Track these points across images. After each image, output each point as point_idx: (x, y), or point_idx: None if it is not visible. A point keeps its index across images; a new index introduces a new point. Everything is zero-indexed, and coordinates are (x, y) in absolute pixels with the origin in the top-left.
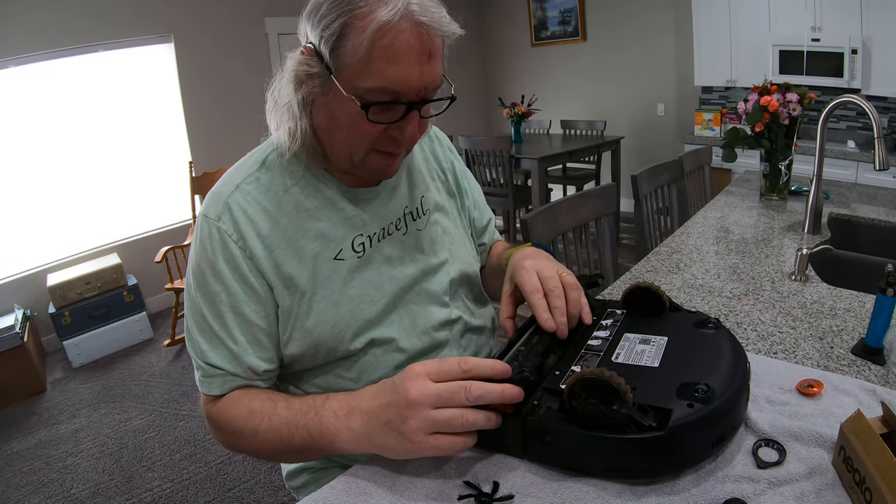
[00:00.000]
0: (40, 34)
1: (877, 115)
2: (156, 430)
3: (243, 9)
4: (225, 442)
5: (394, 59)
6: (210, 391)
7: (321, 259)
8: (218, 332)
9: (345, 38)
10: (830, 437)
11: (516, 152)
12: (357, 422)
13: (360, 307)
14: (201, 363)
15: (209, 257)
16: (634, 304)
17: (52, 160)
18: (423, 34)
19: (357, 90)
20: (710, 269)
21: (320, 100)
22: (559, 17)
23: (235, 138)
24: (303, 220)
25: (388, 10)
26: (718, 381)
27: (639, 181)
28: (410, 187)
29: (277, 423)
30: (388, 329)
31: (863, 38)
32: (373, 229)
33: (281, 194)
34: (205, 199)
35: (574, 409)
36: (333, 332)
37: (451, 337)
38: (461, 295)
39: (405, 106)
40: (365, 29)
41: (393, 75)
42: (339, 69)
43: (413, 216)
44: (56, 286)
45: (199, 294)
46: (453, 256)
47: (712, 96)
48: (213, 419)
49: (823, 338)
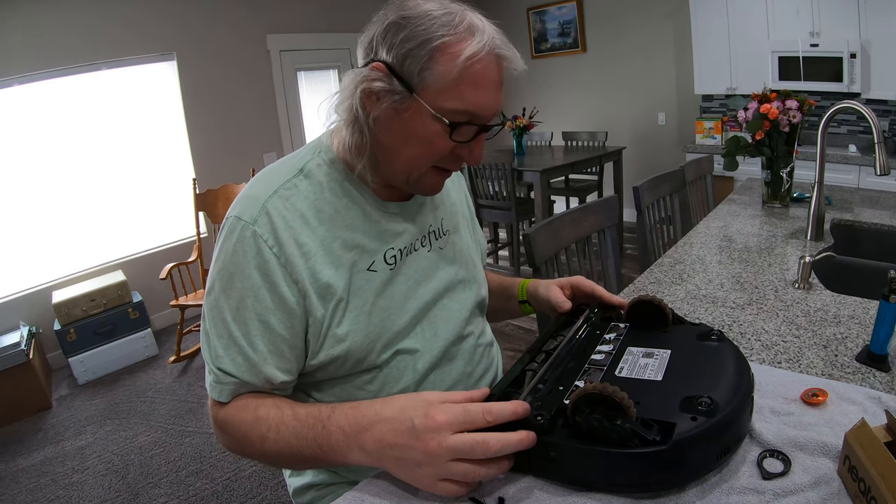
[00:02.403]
0: (45, 52)
1: (876, 120)
2: (162, 447)
3: (245, 26)
4: (230, 445)
5: (479, 85)
6: (220, 398)
7: (356, 269)
8: (238, 338)
9: (434, 62)
10: (835, 447)
11: (518, 165)
12: (368, 444)
13: (390, 318)
14: (214, 368)
15: (239, 261)
16: (637, 317)
17: (57, 177)
18: (502, 67)
19: (442, 110)
20: (714, 279)
21: (391, 116)
22: (559, 28)
23: (238, 155)
24: (339, 229)
25: (478, 41)
26: (722, 394)
27: (641, 192)
28: (433, 209)
29: (286, 433)
30: (412, 341)
31: (861, 43)
32: (402, 243)
33: (319, 202)
34: (235, 201)
35: (578, 425)
36: (365, 341)
37: (465, 350)
38: (476, 317)
39: (478, 128)
40: (456, 56)
41: (476, 100)
42: (422, 88)
43: (436, 235)
44: (61, 303)
45: (223, 297)
46: (470, 275)
47: (713, 104)
48: (220, 423)
49: (828, 346)
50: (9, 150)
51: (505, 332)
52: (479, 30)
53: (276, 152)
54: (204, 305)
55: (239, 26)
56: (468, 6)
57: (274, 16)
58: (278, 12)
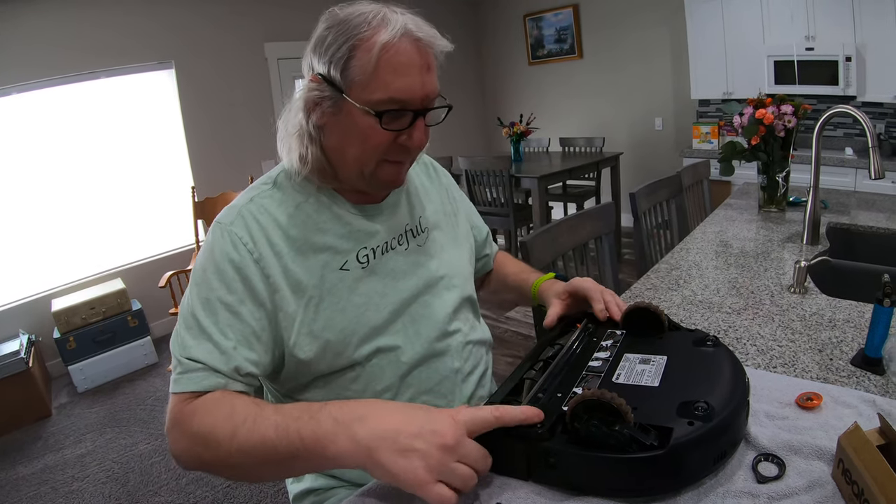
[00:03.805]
0: (44, 61)
1: (870, 124)
2: (162, 455)
3: (243, 35)
4: (188, 451)
5: (398, 71)
6: (186, 388)
7: (328, 269)
8: (207, 327)
9: (353, 59)
10: (830, 450)
11: (516, 171)
12: (362, 432)
13: (365, 314)
14: (182, 359)
15: (215, 257)
16: (634, 324)
17: (57, 186)
18: (422, 48)
19: (369, 102)
20: (710, 284)
21: (331, 120)
22: (555, 35)
23: (237, 163)
24: (311, 233)
25: (390, 30)
26: (718, 399)
27: (637, 198)
28: (409, 207)
29: (263, 425)
30: (392, 337)
31: (856, 46)
32: (376, 242)
33: (292, 210)
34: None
35: (577, 431)
36: (341, 336)
37: (453, 346)
38: (462, 314)
39: (412, 113)
40: (371, 49)
41: (399, 86)
42: (349, 87)
43: (413, 233)
44: (61, 311)
45: (194, 292)
46: (453, 272)
47: (709, 109)
48: (183, 421)
49: (823, 350)
50: (9, 159)
51: (503, 339)
52: (392, 20)
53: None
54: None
55: (237, 34)
56: (393, 4)
57: (271, 24)
58: (276, 20)
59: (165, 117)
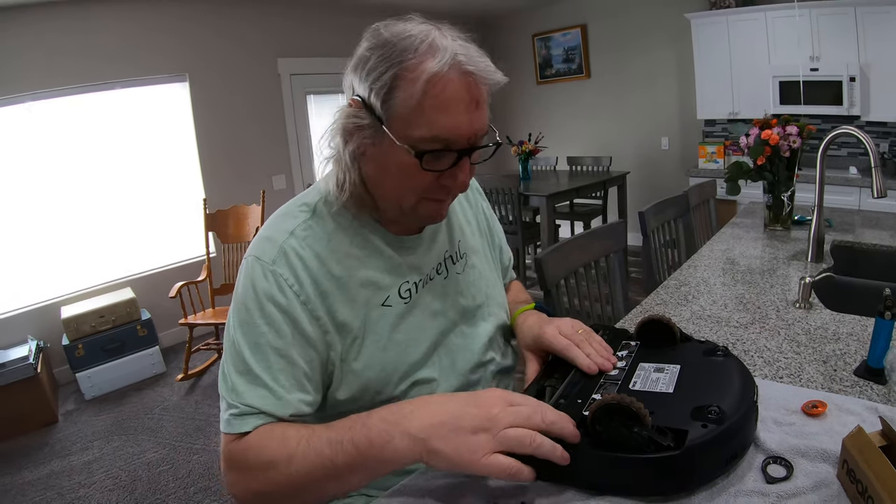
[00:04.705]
0: (60, 70)
1: (873, 144)
2: (170, 464)
3: (256, 50)
4: (247, 489)
5: (445, 108)
6: (241, 428)
7: (370, 305)
8: (260, 374)
9: (396, 90)
10: (834, 453)
11: (524, 189)
12: (415, 426)
13: (405, 351)
14: (237, 403)
15: (259, 299)
16: (647, 335)
17: (70, 193)
18: (471, 83)
19: (410, 139)
20: (718, 300)
21: (370, 151)
22: (563, 54)
23: (248, 177)
24: (353, 267)
25: (437, 60)
26: (729, 403)
27: (646, 217)
28: (449, 232)
29: (318, 443)
30: (429, 370)
31: (860, 66)
32: (417, 276)
33: (333, 242)
34: (252, 244)
35: (598, 433)
36: (382, 375)
37: (484, 377)
38: (497, 341)
39: (456, 153)
40: (416, 80)
41: (444, 124)
42: (390, 120)
43: (452, 260)
44: (70, 318)
45: (241, 335)
46: (489, 300)
47: (715, 129)
48: (238, 459)
49: (827, 361)
50: (24, 165)
51: None
52: (442, 47)
53: (285, 174)
54: (224, 344)
55: (250, 49)
56: (441, 25)
57: (285, 40)
58: (289, 36)
59: (178, 129)
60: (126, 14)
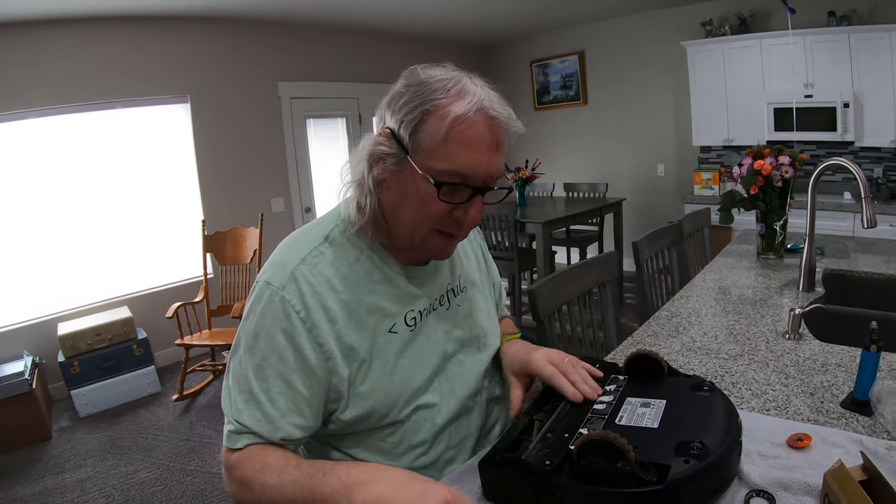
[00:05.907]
0: (63, 88)
1: (862, 175)
2: (163, 484)
3: (257, 73)
4: (235, 493)
5: (467, 145)
6: (234, 445)
7: (378, 332)
8: (258, 395)
9: (424, 124)
10: (817, 486)
11: (521, 216)
12: (362, 497)
13: (410, 377)
14: (233, 420)
15: (267, 324)
16: (636, 369)
17: (69, 211)
18: (494, 127)
19: (431, 171)
20: (708, 331)
21: (392, 178)
22: (560, 81)
23: (247, 199)
24: (363, 293)
25: (466, 102)
26: (712, 439)
27: (639, 247)
28: (451, 267)
29: (285, 480)
30: (431, 395)
31: (854, 92)
32: (422, 305)
33: (344, 269)
34: (265, 267)
35: (583, 468)
36: (387, 399)
37: (478, 405)
38: (492, 372)
39: (472, 190)
40: (444, 117)
41: (464, 160)
42: (415, 150)
43: (454, 292)
44: (66, 336)
45: (247, 356)
46: (486, 332)
47: (710, 156)
48: (229, 468)
49: (814, 393)
50: (23, 183)
51: None
52: (471, 92)
53: (284, 197)
54: (228, 363)
55: (251, 73)
56: (473, 74)
57: (285, 64)
58: (290, 61)
59: (179, 150)
60: (130, 35)
